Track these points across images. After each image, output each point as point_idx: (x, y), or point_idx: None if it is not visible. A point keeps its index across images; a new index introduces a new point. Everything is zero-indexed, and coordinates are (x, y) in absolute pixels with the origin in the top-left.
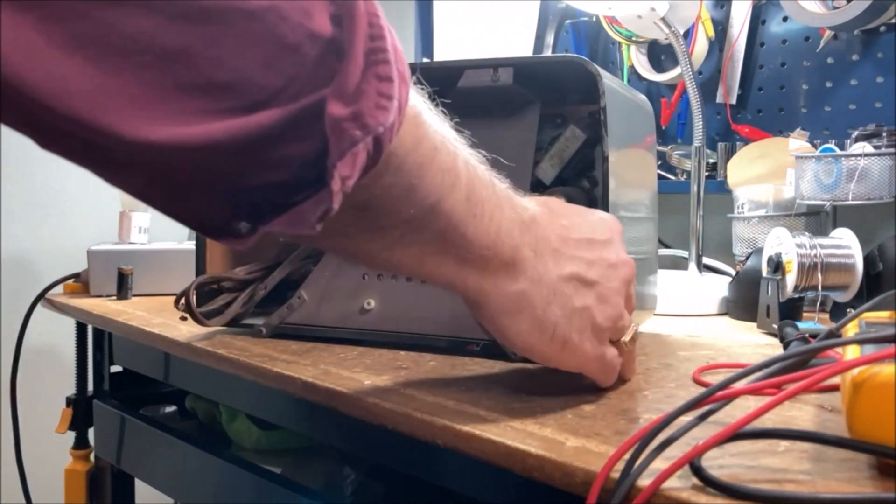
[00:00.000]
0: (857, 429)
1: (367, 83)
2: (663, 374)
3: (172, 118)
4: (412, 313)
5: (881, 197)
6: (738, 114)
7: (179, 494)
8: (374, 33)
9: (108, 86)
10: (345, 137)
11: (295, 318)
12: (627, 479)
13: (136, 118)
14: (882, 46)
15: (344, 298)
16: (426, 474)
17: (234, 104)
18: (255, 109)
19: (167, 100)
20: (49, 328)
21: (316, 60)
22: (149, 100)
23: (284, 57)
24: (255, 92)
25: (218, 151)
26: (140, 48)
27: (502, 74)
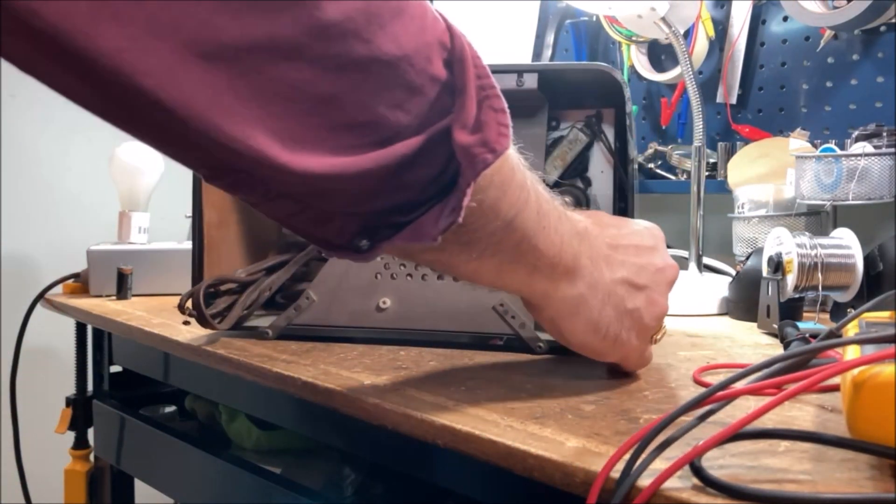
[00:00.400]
0: (858, 429)
1: (486, 114)
2: (663, 374)
3: (329, 152)
4: (430, 310)
5: (881, 197)
6: (738, 113)
7: (179, 494)
8: (480, 73)
9: (278, 127)
10: (477, 161)
11: (304, 318)
12: (627, 480)
13: (300, 153)
14: (882, 46)
15: (356, 298)
16: (426, 474)
17: (374, 139)
18: (391, 142)
19: (323, 137)
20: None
21: (434, 99)
22: (309, 138)
23: (412, 98)
24: (389, 128)
25: (367, 178)
26: (302, 96)
27: (527, 80)
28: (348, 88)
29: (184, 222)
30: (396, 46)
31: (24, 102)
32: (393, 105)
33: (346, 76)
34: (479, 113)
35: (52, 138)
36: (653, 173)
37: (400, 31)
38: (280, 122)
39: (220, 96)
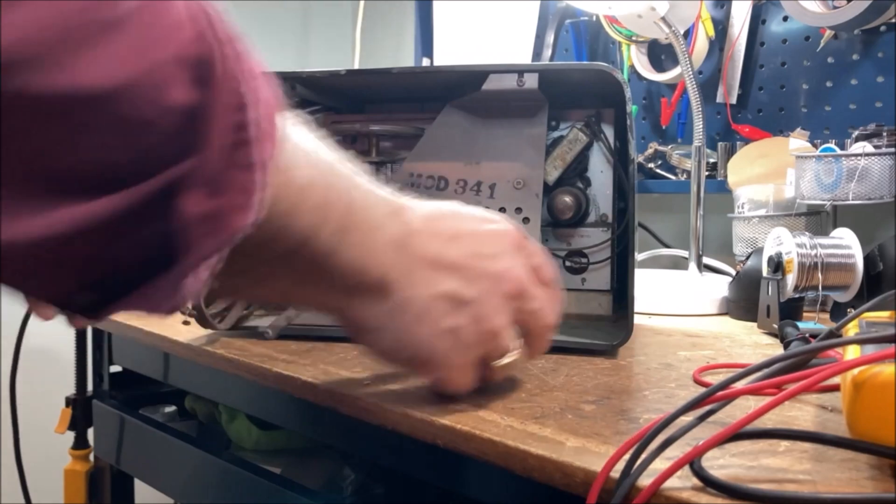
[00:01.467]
0: (858, 429)
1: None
2: (663, 374)
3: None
4: None
5: (881, 197)
6: (738, 113)
7: (179, 494)
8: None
9: None
10: (201, 244)
11: (304, 318)
12: (627, 480)
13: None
14: (882, 46)
15: None
16: (426, 474)
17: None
18: (100, 192)
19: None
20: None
21: (174, 133)
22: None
23: (136, 136)
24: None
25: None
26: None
27: (527, 80)
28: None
29: None
30: (106, 75)
31: None
32: (102, 147)
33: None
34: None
35: None
36: (653, 173)
37: (113, 52)
38: None
39: None
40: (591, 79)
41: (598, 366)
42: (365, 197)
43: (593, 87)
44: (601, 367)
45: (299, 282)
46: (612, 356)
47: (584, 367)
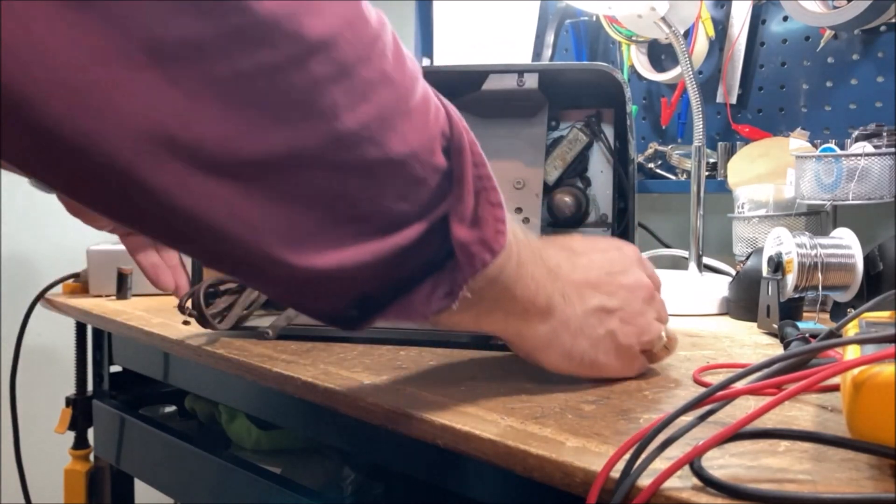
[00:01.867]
0: (858, 429)
1: (483, 209)
2: (663, 374)
3: (331, 246)
4: None
5: (881, 197)
6: (738, 113)
7: (179, 494)
8: (477, 160)
9: (289, 227)
10: (476, 260)
11: (303, 318)
12: (627, 480)
13: (304, 251)
14: (882, 46)
15: None
16: (426, 474)
17: (376, 228)
18: (392, 231)
19: (328, 232)
20: (49, 328)
21: (435, 187)
22: (317, 234)
23: (415, 189)
24: (392, 217)
25: (365, 268)
26: (318, 196)
27: (527, 80)
28: (358, 188)
29: None
30: (405, 145)
31: None
32: (398, 198)
33: (358, 178)
34: (476, 207)
35: None
36: (653, 173)
37: (408, 129)
38: (288, 221)
39: (235, 207)
40: (591, 79)
41: None
42: (523, 235)
43: (593, 87)
44: None
45: (487, 311)
46: None
47: None
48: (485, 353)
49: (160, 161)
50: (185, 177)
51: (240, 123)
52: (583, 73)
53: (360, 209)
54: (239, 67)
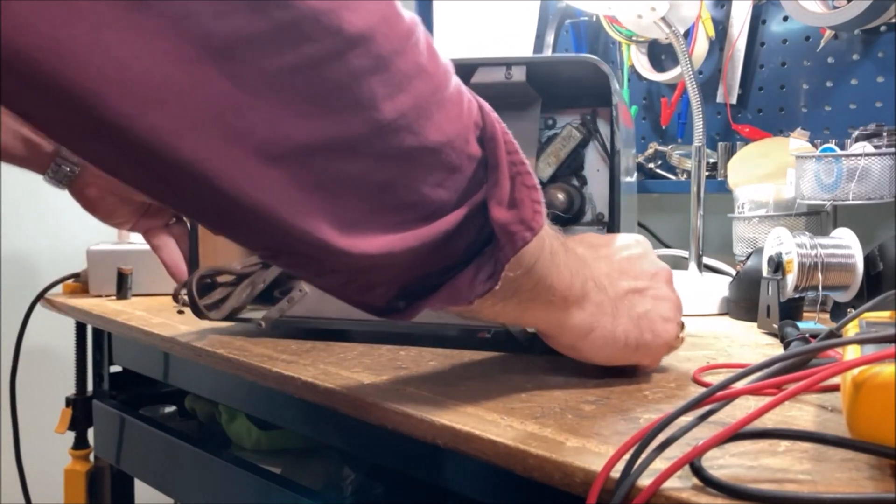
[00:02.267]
0: (858, 429)
1: (519, 191)
2: (663, 374)
3: (378, 232)
4: None
5: (881, 197)
6: (738, 113)
7: (179, 494)
8: (510, 148)
9: (336, 213)
10: (517, 238)
11: (296, 310)
12: (627, 480)
13: (354, 236)
14: (882, 46)
15: None
16: (426, 474)
17: (418, 216)
18: (433, 217)
19: (374, 219)
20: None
21: (471, 175)
22: (362, 221)
23: (451, 176)
24: (432, 205)
25: (412, 253)
26: (358, 185)
27: (515, 73)
28: (398, 175)
29: None
30: (441, 134)
31: None
32: (436, 185)
33: (398, 165)
34: (512, 189)
35: None
36: (653, 173)
37: (443, 119)
38: (337, 209)
39: (286, 191)
40: (579, 72)
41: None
42: (550, 228)
43: (585, 82)
44: (601, 368)
45: (525, 301)
46: None
47: (584, 367)
48: (485, 353)
49: (218, 150)
50: (240, 163)
51: (287, 112)
52: (570, 66)
53: (401, 197)
54: (284, 60)
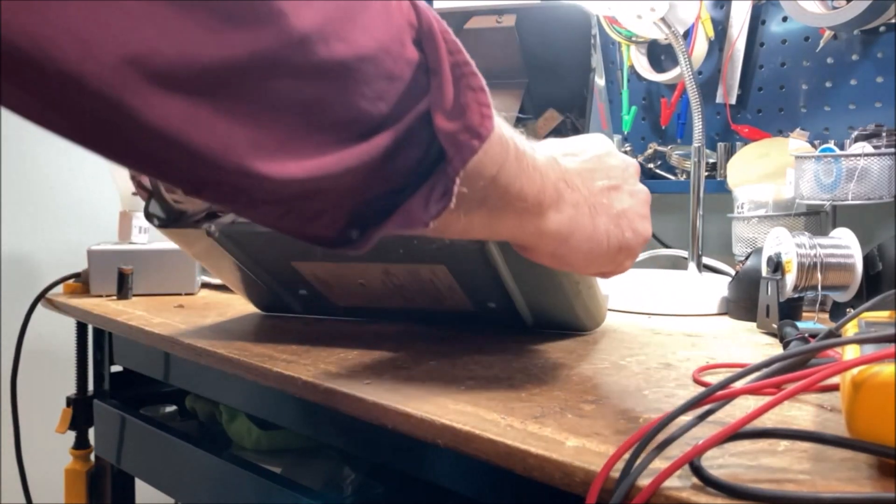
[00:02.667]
0: (857, 428)
1: (465, 95)
2: (663, 374)
3: (310, 154)
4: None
5: (881, 197)
6: (737, 114)
7: (179, 494)
8: (452, 48)
9: (260, 137)
10: (465, 148)
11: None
12: (627, 479)
13: (282, 160)
14: (882, 46)
15: None
16: (426, 474)
17: (355, 133)
18: (373, 133)
19: (305, 140)
20: (49, 328)
21: (411, 81)
22: (291, 143)
23: (390, 86)
24: (371, 120)
25: (350, 174)
26: (285, 105)
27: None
28: (331, 90)
29: None
30: (372, 39)
31: None
32: (373, 97)
33: (328, 79)
34: (457, 94)
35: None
36: (653, 173)
37: (370, 22)
38: (258, 131)
39: (198, 118)
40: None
41: (597, 366)
42: (516, 132)
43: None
44: (601, 367)
45: (496, 211)
46: (611, 356)
47: (584, 366)
48: (484, 353)
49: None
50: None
51: (193, 29)
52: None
53: (336, 114)
54: None
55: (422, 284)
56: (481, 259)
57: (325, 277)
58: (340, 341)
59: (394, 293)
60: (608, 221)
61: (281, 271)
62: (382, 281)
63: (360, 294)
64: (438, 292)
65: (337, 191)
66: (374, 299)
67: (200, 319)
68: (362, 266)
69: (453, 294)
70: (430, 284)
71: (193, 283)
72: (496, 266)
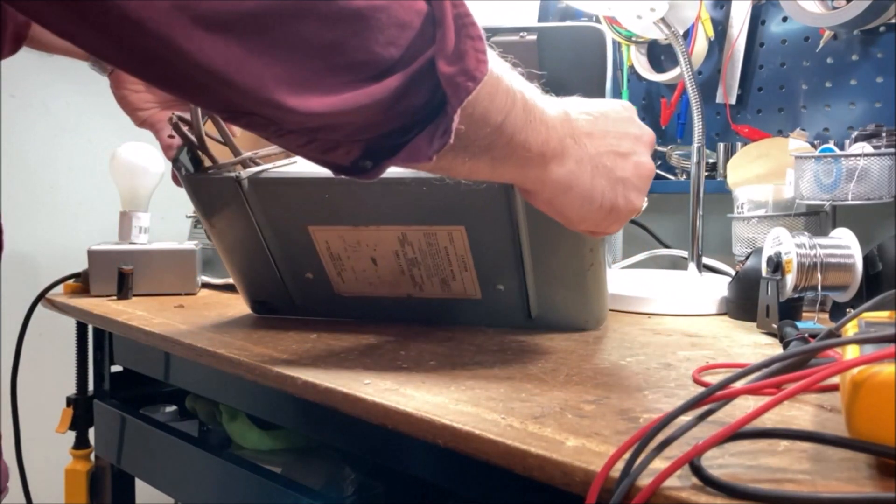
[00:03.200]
0: (857, 428)
1: (464, 43)
2: (663, 374)
3: (329, 91)
4: None
5: (881, 197)
6: (737, 114)
7: (179, 494)
8: (455, 1)
9: (288, 75)
10: (461, 89)
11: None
12: (627, 479)
13: (305, 95)
14: (882, 46)
15: None
16: (426, 474)
17: (369, 74)
18: (384, 76)
19: (324, 79)
20: (49, 328)
21: (420, 30)
22: (312, 80)
23: (401, 33)
24: (383, 63)
25: (364, 111)
26: (307, 46)
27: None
28: (349, 34)
29: (184, 222)
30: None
31: (24, 102)
32: (386, 43)
33: (347, 24)
34: (457, 42)
35: (52, 138)
36: None
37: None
38: (287, 69)
39: (235, 55)
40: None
41: (597, 366)
42: (527, 85)
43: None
44: (601, 367)
45: (500, 158)
46: (611, 356)
47: (584, 367)
48: (484, 353)
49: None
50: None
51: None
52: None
53: (353, 56)
54: None
55: (435, 259)
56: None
57: (338, 250)
58: (340, 341)
59: (404, 275)
60: (606, 184)
61: (295, 239)
62: (396, 253)
63: (369, 278)
64: (450, 272)
65: (353, 125)
66: (381, 285)
67: (200, 319)
68: (379, 232)
69: (463, 273)
70: (443, 257)
71: (193, 283)
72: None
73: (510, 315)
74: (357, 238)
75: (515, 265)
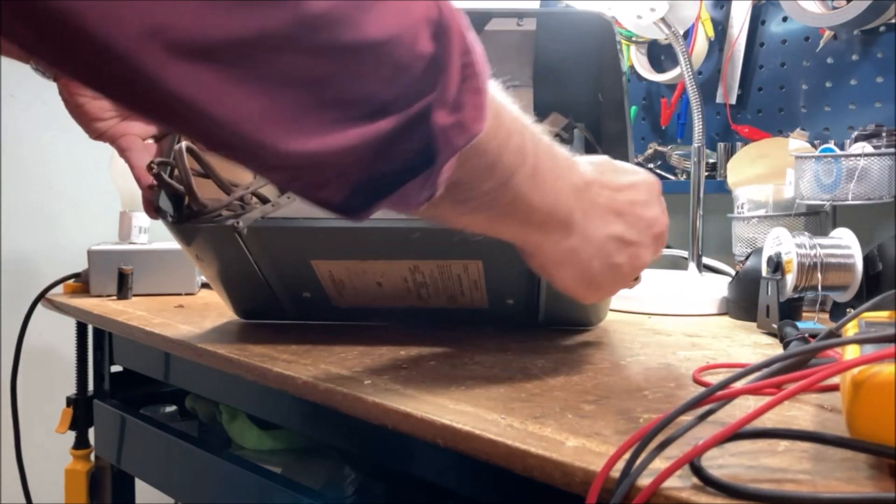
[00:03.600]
0: (857, 428)
1: (464, 95)
2: (663, 374)
3: (316, 130)
4: None
5: (881, 197)
6: (737, 114)
7: (179, 494)
8: (466, 48)
9: (270, 110)
10: (452, 144)
11: (283, 212)
12: (627, 479)
13: (289, 134)
14: (882, 46)
15: None
16: (426, 474)
17: (360, 113)
18: (377, 117)
19: (311, 116)
20: (49, 328)
21: (421, 75)
22: (299, 117)
23: (399, 75)
24: (376, 103)
25: (352, 153)
26: (293, 81)
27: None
28: (338, 71)
29: None
30: (383, 29)
31: (24, 102)
32: (380, 83)
33: (336, 61)
34: (458, 94)
35: (52, 138)
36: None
37: (385, 13)
38: (269, 103)
39: (212, 86)
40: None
41: (597, 366)
42: (549, 148)
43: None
44: (601, 367)
45: (501, 216)
46: (611, 356)
47: (584, 367)
48: (484, 353)
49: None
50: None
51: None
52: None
53: (342, 94)
54: None
55: (446, 282)
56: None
57: (341, 276)
58: (340, 341)
59: (409, 293)
60: (600, 266)
61: (294, 271)
62: (405, 278)
63: (370, 295)
64: (459, 290)
65: (341, 165)
66: (383, 300)
67: (200, 319)
68: (387, 264)
69: (473, 292)
70: (454, 282)
71: (193, 283)
72: None
73: (516, 321)
74: (363, 268)
75: (529, 284)
